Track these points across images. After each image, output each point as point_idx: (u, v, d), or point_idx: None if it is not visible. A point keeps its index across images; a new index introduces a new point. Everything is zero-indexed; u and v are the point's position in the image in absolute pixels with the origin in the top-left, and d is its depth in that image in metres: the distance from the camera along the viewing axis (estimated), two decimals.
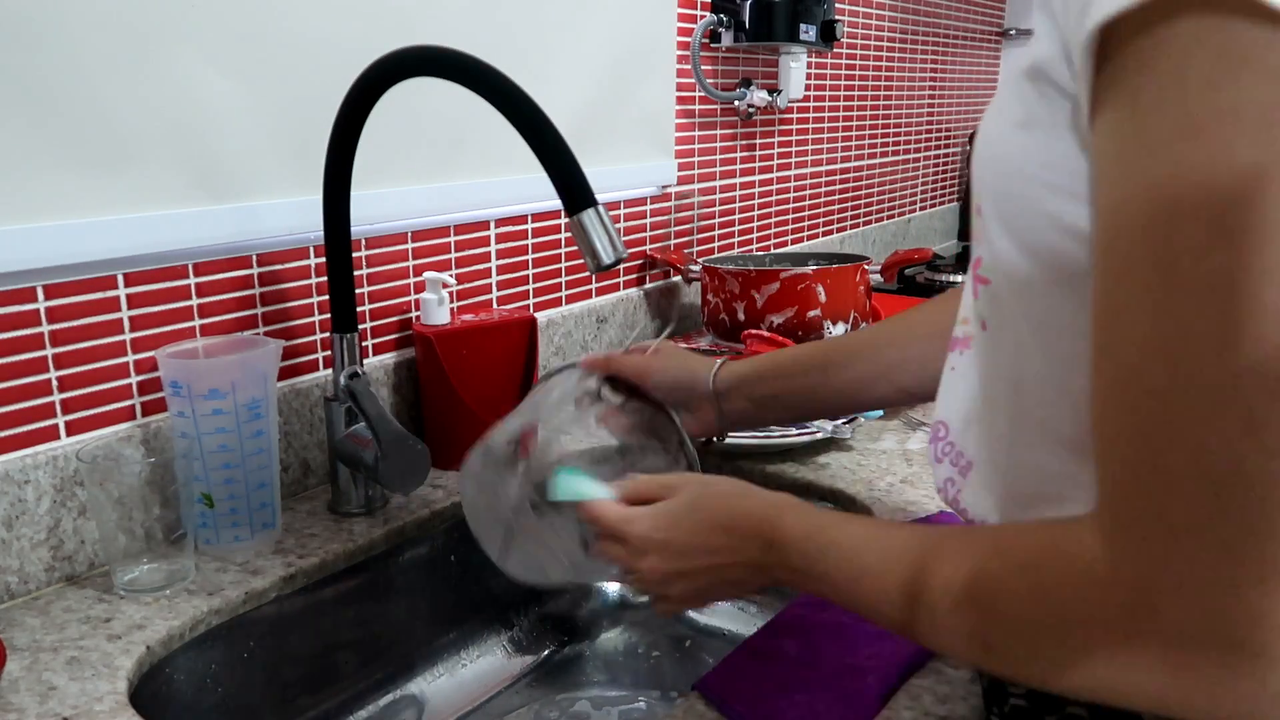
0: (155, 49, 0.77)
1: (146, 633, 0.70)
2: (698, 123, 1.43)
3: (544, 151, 0.70)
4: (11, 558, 0.73)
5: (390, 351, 1.02)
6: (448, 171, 1.03)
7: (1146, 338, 0.33)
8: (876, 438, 1.05)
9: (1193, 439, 0.33)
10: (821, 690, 0.62)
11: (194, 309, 0.84)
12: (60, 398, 0.76)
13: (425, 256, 1.04)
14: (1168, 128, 0.32)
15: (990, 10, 2.47)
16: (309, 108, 0.88)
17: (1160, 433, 0.33)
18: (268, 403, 0.80)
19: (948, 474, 0.54)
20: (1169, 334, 0.33)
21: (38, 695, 0.63)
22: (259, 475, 0.81)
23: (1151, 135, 0.33)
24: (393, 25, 0.94)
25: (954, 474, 0.54)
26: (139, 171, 0.78)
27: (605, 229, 0.71)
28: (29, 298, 0.73)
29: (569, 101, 1.16)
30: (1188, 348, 0.32)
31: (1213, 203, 0.31)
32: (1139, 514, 0.35)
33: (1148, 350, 0.33)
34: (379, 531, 0.86)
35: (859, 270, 1.26)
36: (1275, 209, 0.30)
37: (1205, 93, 0.31)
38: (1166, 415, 0.33)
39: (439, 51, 0.74)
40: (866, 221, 2.06)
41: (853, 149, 1.93)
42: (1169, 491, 0.33)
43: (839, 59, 1.80)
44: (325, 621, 0.83)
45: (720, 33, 1.40)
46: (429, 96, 0.97)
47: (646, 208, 1.36)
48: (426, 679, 0.93)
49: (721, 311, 1.28)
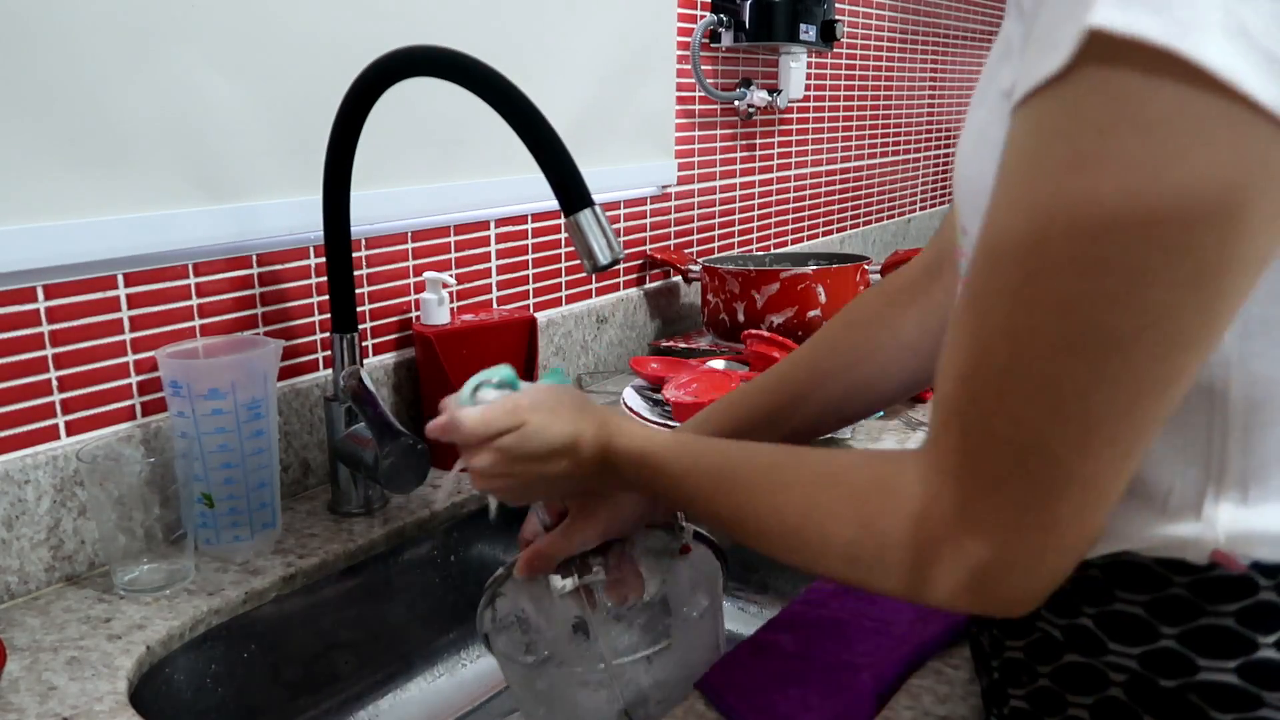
0: (155, 49, 0.77)
1: (146, 633, 0.70)
2: (698, 123, 1.43)
3: (541, 152, 0.70)
4: (11, 558, 0.73)
5: (390, 351, 1.02)
6: (448, 171, 1.04)
7: (1001, 326, 0.39)
8: (876, 438, 1.05)
9: (1015, 412, 0.39)
10: (816, 684, 0.62)
11: (194, 309, 0.84)
12: (60, 398, 0.76)
13: (425, 256, 1.04)
14: (1057, 158, 0.36)
15: (990, 10, 2.47)
16: (309, 108, 0.88)
17: (992, 402, 0.40)
18: (268, 403, 0.80)
19: None
20: (1020, 328, 0.38)
21: (38, 695, 0.63)
22: (259, 475, 0.81)
23: (1044, 160, 0.37)
24: (392, 25, 0.94)
25: None
26: (139, 171, 0.78)
27: (602, 229, 0.71)
28: (29, 298, 0.74)
29: (569, 101, 1.16)
30: (1032, 341, 0.38)
31: (1075, 233, 0.36)
32: (959, 465, 0.41)
33: (1000, 335, 0.39)
34: (379, 531, 0.86)
35: (859, 270, 1.26)
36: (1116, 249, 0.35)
37: (1091, 135, 0.35)
38: (999, 389, 0.39)
39: (438, 51, 0.74)
40: (866, 221, 2.06)
41: (853, 149, 1.93)
42: (986, 450, 0.40)
43: (839, 59, 1.81)
44: (325, 621, 0.83)
45: (720, 33, 1.40)
46: (429, 96, 0.97)
47: (646, 208, 1.36)
48: (426, 679, 0.93)
49: (721, 311, 1.28)
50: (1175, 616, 0.44)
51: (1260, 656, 0.42)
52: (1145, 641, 0.45)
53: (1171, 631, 0.44)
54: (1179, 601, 0.43)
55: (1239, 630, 0.42)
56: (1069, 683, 0.48)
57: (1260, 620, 0.42)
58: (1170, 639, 0.44)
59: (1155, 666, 0.44)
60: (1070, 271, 0.36)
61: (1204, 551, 0.42)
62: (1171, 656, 0.44)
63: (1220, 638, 0.43)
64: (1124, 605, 0.45)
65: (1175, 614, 0.44)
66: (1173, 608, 0.44)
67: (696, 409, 1.01)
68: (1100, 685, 0.46)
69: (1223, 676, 0.43)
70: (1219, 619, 0.43)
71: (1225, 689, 0.43)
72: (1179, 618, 0.44)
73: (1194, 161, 0.34)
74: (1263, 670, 0.42)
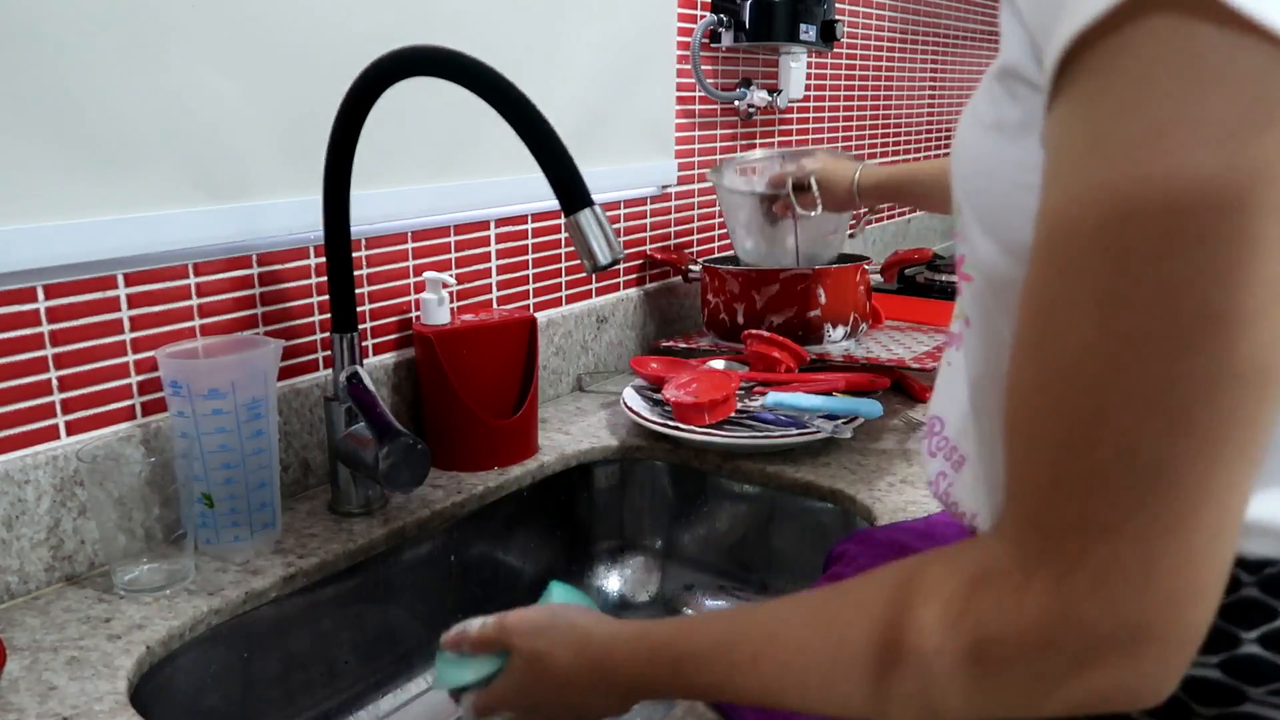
0: (155, 49, 0.77)
1: (146, 633, 0.70)
2: (698, 123, 1.43)
3: (541, 152, 0.70)
4: (11, 558, 0.73)
5: (390, 351, 1.02)
6: (448, 171, 1.04)
7: (1087, 336, 0.33)
8: (877, 438, 1.05)
9: (1122, 437, 0.33)
10: None
11: (194, 309, 0.84)
12: (60, 398, 0.76)
13: (425, 256, 1.04)
14: (1129, 132, 0.32)
15: (990, 10, 2.47)
16: (309, 108, 0.88)
17: (1089, 431, 0.34)
18: (268, 403, 0.80)
19: (940, 468, 0.55)
20: (1113, 334, 0.33)
21: (38, 695, 0.63)
22: (259, 475, 0.81)
23: (1112, 138, 0.33)
24: (392, 26, 0.94)
25: (947, 468, 0.54)
26: (139, 171, 0.78)
27: (602, 229, 0.71)
28: (29, 298, 0.74)
29: (569, 101, 1.16)
30: (1131, 349, 0.33)
31: (1171, 211, 0.32)
32: (1056, 515, 0.35)
33: (1087, 349, 0.34)
34: (379, 531, 0.86)
35: (859, 270, 1.26)
36: (1229, 222, 0.31)
37: (1169, 101, 0.31)
38: (1098, 413, 0.33)
39: (438, 51, 0.74)
40: (866, 222, 2.06)
41: (853, 149, 1.93)
42: (1092, 491, 0.34)
43: (839, 59, 1.80)
44: (325, 621, 0.83)
45: (720, 33, 1.40)
46: (429, 96, 0.97)
47: (646, 208, 1.36)
48: (426, 679, 0.93)
49: (722, 312, 1.28)
50: None
51: (1243, 652, 0.42)
52: None
53: None
54: None
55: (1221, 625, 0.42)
56: None
57: (1243, 616, 0.42)
58: None
59: None
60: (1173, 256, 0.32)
61: None
62: None
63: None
64: None
65: None
66: None
67: (696, 409, 1.02)
68: None
69: (1205, 672, 0.43)
70: None
71: (1209, 684, 0.43)
72: None
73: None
74: (1245, 666, 0.42)
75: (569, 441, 1.07)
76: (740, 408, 1.05)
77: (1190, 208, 0.31)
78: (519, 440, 1.02)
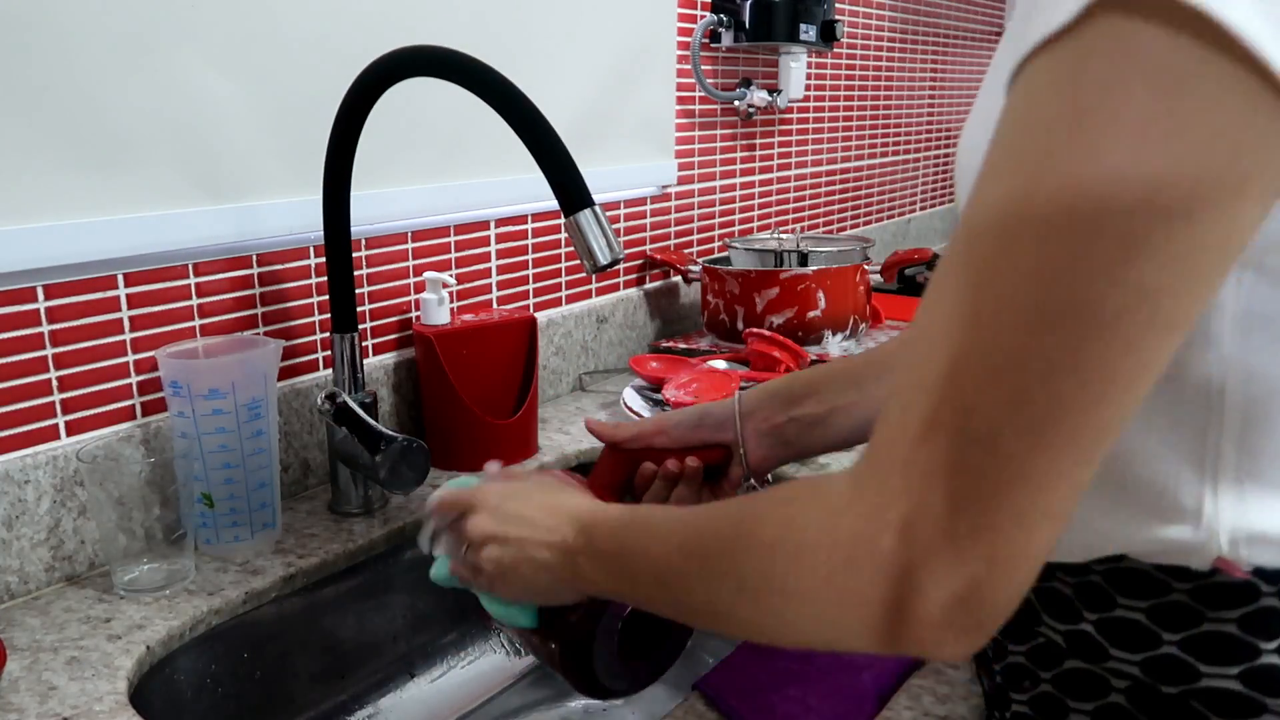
0: (155, 49, 0.77)
1: (146, 633, 0.70)
2: (698, 123, 1.43)
3: (541, 152, 0.70)
4: (11, 558, 0.73)
5: (390, 351, 1.02)
6: (448, 171, 1.03)
7: (964, 301, 0.35)
8: None
9: (965, 400, 0.35)
10: (816, 684, 0.62)
11: (194, 309, 0.84)
12: (60, 398, 0.76)
13: (425, 256, 1.04)
14: (1052, 115, 0.33)
15: (990, 10, 2.47)
16: (309, 108, 0.88)
17: (940, 388, 0.35)
18: (268, 403, 0.80)
19: None
20: (986, 301, 0.34)
21: (38, 695, 0.63)
22: (259, 475, 0.81)
23: (1037, 119, 0.34)
24: (392, 25, 0.94)
25: None
26: (139, 171, 0.78)
27: (602, 230, 0.71)
28: (29, 298, 0.73)
29: (569, 101, 1.16)
30: (997, 318, 0.34)
31: (1066, 195, 0.32)
32: (889, 456, 0.37)
33: (956, 310, 0.35)
34: (379, 531, 0.86)
35: (859, 271, 1.26)
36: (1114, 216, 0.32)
37: (1096, 90, 0.32)
38: (953, 374, 0.35)
39: (438, 52, 0.74)
40: (866, 222, 2.06)
41: (853, 149, 1.93)
42: (924, 439, 0.36)
43: (839, 59, 1.80)
44: (325, 621, 0.83)
45: (720, 33, 1.40)
46: (429, 96, 0.97)
47: (646, 208, 1.36)
48: (426, 679, 0.93)
49: (722, 312, 1.28)
50: (1177, 623, 0.44)
51: (1263, 663, 0.42)
52: (1147, 648, 0.45)
53: (1173, 638, 0.44)
54: (1180, 608, 0.43)
55: (1241, 636, 0.42)
56: (1071, 688, 0.48)
57: (1263, 626, 0.42)
58: (1172, 645, 0.44)
59: (1157, 673, 0.44)
60: (1055, 239, 0.33)
61: (1207, 559, 0.42)
62: (1173, 663, 0.44)
63: (1222, 644, 0.43)
64: (1125, 611, 0.45)
65: (1176, 620, 0.44)
66: (1174, 614, 0.44)
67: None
68: (1102, 691, 0.46)
69: (1225, 683, 0.43)
70: (1221, 625, 0.43)
71: (1228, 695, 0.43)
72: (1180, 624, 0.44)
73: (1206, 127, 0.31)
74: (1266, 676, 0.42)
75: (569, 441, 1.07)
76: None
77: (1082, 196, 0.32)
78: (519, 440, 1.02)
